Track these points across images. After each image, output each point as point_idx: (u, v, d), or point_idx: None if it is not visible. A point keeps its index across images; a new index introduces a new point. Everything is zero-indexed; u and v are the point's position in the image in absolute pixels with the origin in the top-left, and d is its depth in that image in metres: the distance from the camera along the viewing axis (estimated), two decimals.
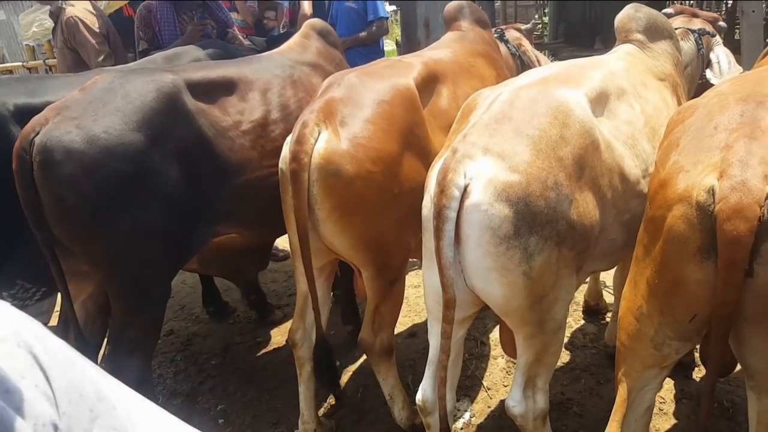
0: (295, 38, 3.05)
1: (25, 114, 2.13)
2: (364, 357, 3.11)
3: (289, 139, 2.13)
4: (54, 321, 2.99)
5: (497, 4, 10.36)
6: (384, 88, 2.18)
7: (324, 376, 2.39)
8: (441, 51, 2.73)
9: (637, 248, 1.66)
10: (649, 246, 1.55)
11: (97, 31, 3.57)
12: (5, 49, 14.26)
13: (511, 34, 3.52)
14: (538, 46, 4.65)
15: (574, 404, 2.67)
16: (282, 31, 4.76)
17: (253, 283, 3.51)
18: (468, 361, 2.99)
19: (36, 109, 2.09)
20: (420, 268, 3.55)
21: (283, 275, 4.18)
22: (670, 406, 2.59)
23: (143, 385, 2.20)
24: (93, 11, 3.65)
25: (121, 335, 2.20)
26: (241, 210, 2.37)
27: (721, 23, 2.96)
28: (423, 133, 2.22)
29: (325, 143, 2.01)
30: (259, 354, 3.31)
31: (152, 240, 2.12)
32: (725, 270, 1.33)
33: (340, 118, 2.06)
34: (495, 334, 3.19)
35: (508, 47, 3.42)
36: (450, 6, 3.11)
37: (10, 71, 8.40)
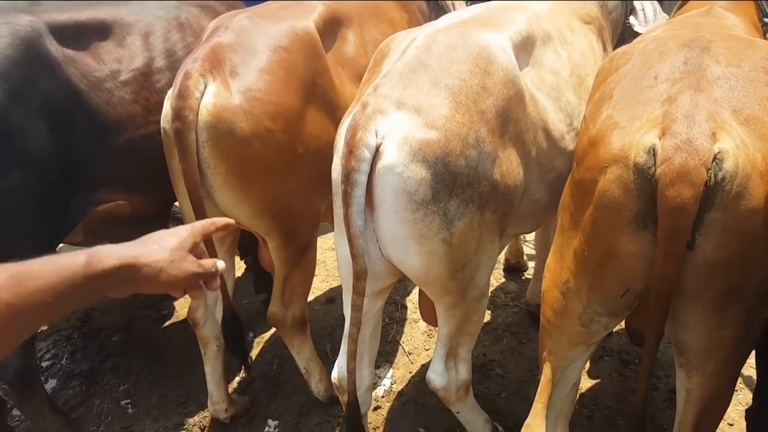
0: None
1: None
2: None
3: (169, 93, 1.84)
4: None
5: None
6: (280, 31, 1.90)
7: (235, 349, 2.22)
8: None
9: (563, 215, 1.51)
10: (577, 213, 1.39)
11: None
12: None
13: None
14: None
15: (497, 365, 2.63)
16: None
17: None
18: (388, 326, 2.89)
19: None
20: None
21: None
22: (592, 364, 2.59)
23: (27, 372, 2.00)
24: None
25: None
26: (125, 173, 2.09)
27: None
28: (328, 84, 1.98)
29: (213, 97, 1.74)
30: (164, 328, 3.06)
31: (20, 209, 1.84)
32: (666, 241, 1.19)
33: (230, 67, 1.78)
34: (415, 297, 3.08)
35: None
36: None
37: None
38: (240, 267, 3.32)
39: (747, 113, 1.24)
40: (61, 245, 2.28)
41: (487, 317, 2.91)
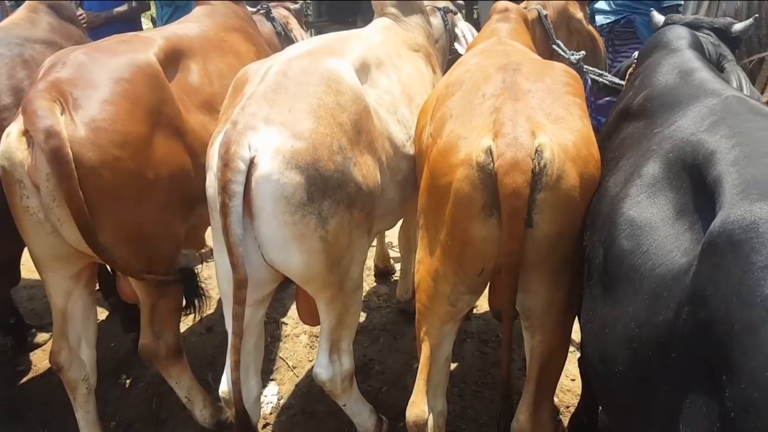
0: (20, 12, 2.62)
1: None
2: None
3: (10, 129, 1.80)
4: None
5: None
6: (121, 64, 1.94)
7: None
8: (187, 25, 2.54)
9: (424, 218, 1.75)
10: (437, 212, 1.63)
11: None
12: None
13: (279, 12, 3.50)
14: (305, 25, 4.71)
15: (376, 363, 2.82)
16: None
17: (6, 304, 2.97)
18: (271, 345, 2.96)
19: None
20: (210, 260, 3.38)
21: (42, 291, 3.61)
22: (457, 348, 2.82)
23: None
24: None
25: None
26: None
27: (460, 2, 3.34)
28: (174, 112, 2.05)
29: None
30: (23, 384, 2.84)
31: None
32: (508, 221, 1.45)
33: (72, 100, 1.78)
34: (294, 313, 3.19)
35: (273, 25, 3.38)
36: None
37: None
38: (102, 311, 3.18)
39: (555, 115, 1.58)
40: None
41: (363, 319, 3.11)
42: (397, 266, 3.50)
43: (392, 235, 3.44)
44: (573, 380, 2.68)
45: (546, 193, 1.46)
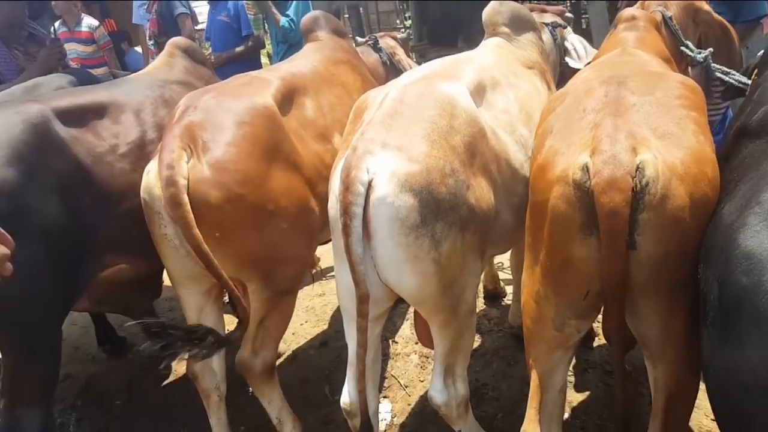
0: (160, 58, 2.97)
1: None
2: None
3: (150, 167, 2.04)
4: None
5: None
6: (243, 108, 2.13)
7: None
8: (299, 63, 2.75)
9: (527, 235, 1.73)
10: (537, 231, 1.61)
11: None
12: None
13: (386, 42, 3.63)
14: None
15: (490, 389, 2.76)
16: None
17: (150, 315, 3.30)
18: (383, 362, 3.01)
19: None
20: (323, 279, 3.56)
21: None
22: (578, 378, 2.75)
23: None
24: None
25: (17, 386, 2.02)
26: (128, 238, 2.24)
27: (568, 14, 3.26)
28: (290, 148, 2.21)
29: (189, 171, 1.94)
30: (165, 386, 3.13)
31: (37, 283, 1.95)
32: (607, 241, 1.39)
33: (201, 143, 2.00)
34: (406, 332, 3.26)
35: (379, 55, 3.51)
36: (306, 18, 3.17)
37: None
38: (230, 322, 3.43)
39: (663, 130, 1.49)
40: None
41: (475, 343, 3.06)
42: (508, 289, 3.43)
43: (503, 256, 3.39)
44: (713, 420, 2.46)
45: (649, 213, 1.38)
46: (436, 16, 7.78)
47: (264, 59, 5.56)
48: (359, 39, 3.74)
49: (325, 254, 3.57)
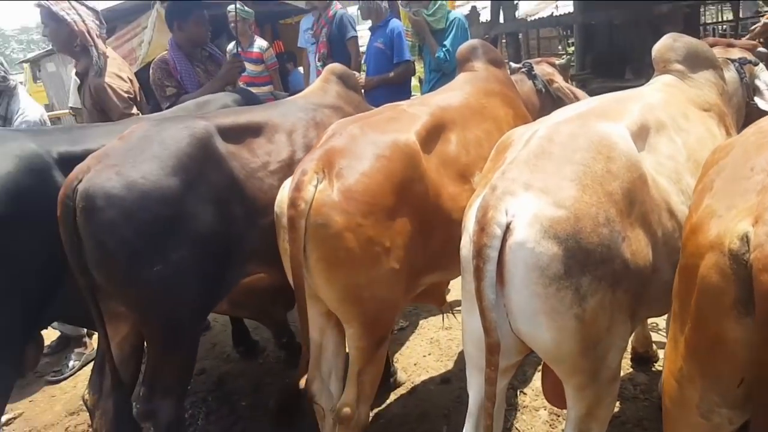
0: (316, 83, 3.12)
1: (67, 161, 2.20)
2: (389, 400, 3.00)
3: (285, 183, 2.12)
4: None
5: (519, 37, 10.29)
6: (384, 142, 2.13)
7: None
8: (450, 94, 2.68)
9: (674, 302, 1.51)
10: (685, 299, 1.40)
11: (125, 95, 3.62)
12: (54, 98, 15.48)
13: (542, 69, 3.47)
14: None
15: None
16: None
17: (282, 324, 3.46)
18: (507, 413, 2.83)
19: (78, 157, 2.15)
20: (450, 312, 3.45)
21: None
22: None
23: (176, 426, 2.22)
24: (122, 74, 3.69)
25: (156, 377, 2.20)
26: (269, 249, 2.33)
27: (762, 49, 2.86)
28: (423, 189, 2.16)
29: (318, 193, 1.98)
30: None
31: (187, 283, 2.12)
32: (764, 326, 1.16)
33: (337, 169, 2.03)
34: (536, 384, 3.03)
35: (534, 83, 3.36)
36: (463, 47, 3.10)
37: (58, 118, 8.85)
38: None
39: None
40: None
41: (615, 410, 2.77)
42: (661, 353, 3.07)
43: (660, 317, 3.04)
44: None
45: None
46: (603, 45, 7.35)
47: (414, 81, 5.64)
48: (513, 65, 3.63)
49: (455, 285, 3.48)
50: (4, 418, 3.17)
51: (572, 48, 9.42)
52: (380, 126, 2.24)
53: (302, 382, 2.31)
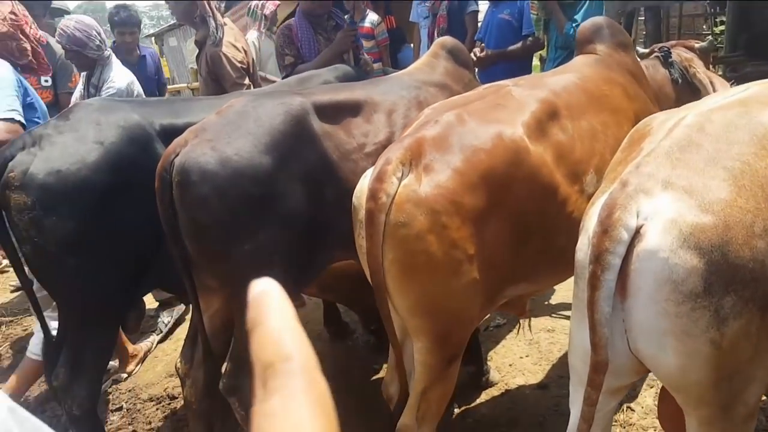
0: (424, 58, 2.91)
1: (169, 133, 2.23)
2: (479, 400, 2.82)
3: (368, 172, 1.90)
4: None
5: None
6: (486, 134, 1.86)
7: None
8: (567, 77, 2.32)
9: None
10: None
11: (238, 65, 3.70)
12: (175, 72, 16.42)
13: (679, 53, 2.99)
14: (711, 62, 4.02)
15: None
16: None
17: (372, 311, 3.36)
18: (612, 430, 2.56)
19: (179, 130, 2.17)
20: (553, 315, 3.18)
21: None
22: None
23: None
24: (238, 44, 3.79)
25: (243, 352, 2.17)
26: None
27: None
28: (525, 191, 1.87)
29: (402, 187, 1.76)
30: (374, 381, 3.14)
31: (274, 262, 2.06)
32: None
33: (427, 161, 1.78)
34: (647, 401, 2.71)
35: (669, 71, 2.91)
36: (584, 25, 2.70)
37: (177, 92, 9.45)
38: None
39: None
40: None
41: None
42: None
43: None
44: None
45: None
46: (762, 25, 6.43)
47: (535, 61, 5.23)
48: (640, 50, 3.15)
49: (560, 287, 3.20)
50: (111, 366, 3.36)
51: (720, 27, 8.39)
52: (482, 114, 1.97)
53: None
